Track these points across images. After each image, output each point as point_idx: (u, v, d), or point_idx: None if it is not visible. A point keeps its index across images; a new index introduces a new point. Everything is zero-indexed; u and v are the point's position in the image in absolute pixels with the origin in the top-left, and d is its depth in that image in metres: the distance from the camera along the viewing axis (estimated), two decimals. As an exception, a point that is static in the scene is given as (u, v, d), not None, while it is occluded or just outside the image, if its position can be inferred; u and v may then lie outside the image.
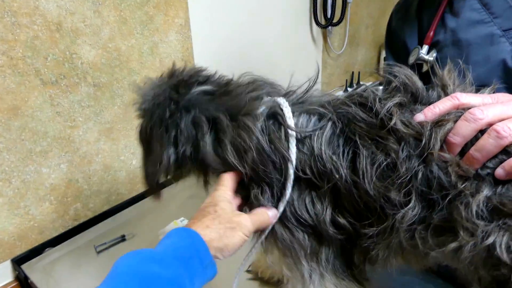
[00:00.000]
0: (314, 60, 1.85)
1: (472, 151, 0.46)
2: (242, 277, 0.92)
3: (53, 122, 0.99)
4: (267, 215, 0.55)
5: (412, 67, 0.76)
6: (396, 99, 0.51)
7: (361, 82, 2.08)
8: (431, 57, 0.74)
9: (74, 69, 0.99)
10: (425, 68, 0.75)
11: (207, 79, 0.62)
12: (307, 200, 0.55)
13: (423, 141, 0.47)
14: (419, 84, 0.53)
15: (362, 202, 0.52)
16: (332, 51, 1.89)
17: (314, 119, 0.56)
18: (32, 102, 0.94)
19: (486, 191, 0.46)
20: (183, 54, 1.23)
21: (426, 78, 0.56)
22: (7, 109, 0.90)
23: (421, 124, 0.48)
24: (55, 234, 1.06)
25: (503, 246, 0.45)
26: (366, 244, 0.54)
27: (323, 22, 1.72)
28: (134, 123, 1.14)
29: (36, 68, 0.92)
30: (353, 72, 2.08)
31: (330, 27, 1.74)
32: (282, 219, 0.57)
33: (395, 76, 0.54)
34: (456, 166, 0.46)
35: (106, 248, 1.02)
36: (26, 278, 0.96)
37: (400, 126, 0.49)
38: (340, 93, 1.94)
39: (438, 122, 0.48)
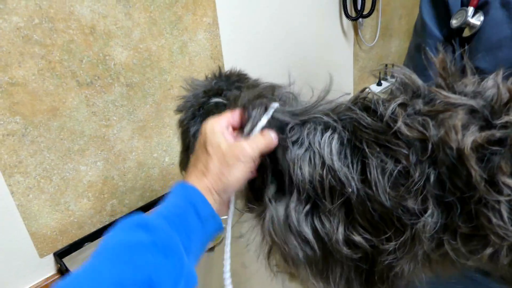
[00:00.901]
0: (345, 54, 1.82)
1: None
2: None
3: (89, 121, 1.03)
4: (270, 136, 0.50)
5: (453, 31, 0.69)
6: (399, 100, 0.48)
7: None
8: (478, 20, 0.67)
9: (107, 70, 1.03)
10: (466, 33, 0.69)
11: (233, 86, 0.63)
12: (314, 218, 0.50)
13: (430, 142, 0.45)
14: (419, 82, 0.50)
15: (377, 215, 0.48)
16: (363, 43, 1.85)
17: (319, 128, 0.51)
18: (69, 103, 0.98)
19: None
20: (212, 52, 1.24)
21: (467, 43, 0.51)
22: (46, 110, 0.95)
23: (423, 124, 0.45)
24: (93, 229, 1.11)
25: None
26: (388, 261, 0.50)
27: (353, 14, 1.68)
28: (165, 121, 1.17)
29: (72, 71, 0.97)
30: (386, 65, 2.03)
31: (360, 19, 1.70)
32: (287, 235, 0.52)
33: (394, 77, 0.52)
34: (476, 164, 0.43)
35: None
36: (67, 270, 1.01)
37: (404, 129, 0.46)
38: (372, 87, 1.90)
39: (441, 118, 0.45)
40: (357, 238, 0.48)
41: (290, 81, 0.59)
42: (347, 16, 1.66)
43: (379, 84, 1.98)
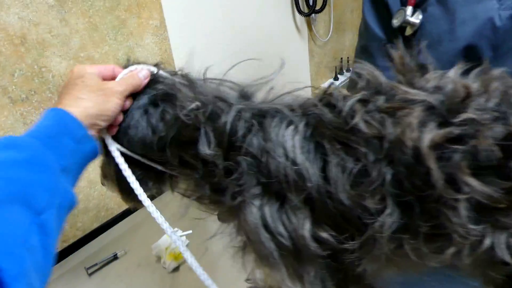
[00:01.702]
0: (301, 50, 1.79)
1: None
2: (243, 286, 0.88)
3: (29, 141, 0.93)
4: (138, 77, 0.53)
5: (395, 30, 0.71)
6: (358, 96, 0.47)
7: (351, 69, 2.02)
8: (417, 19, 0.69)
9: (45, 83, 0.93)
10: (408, 31, 0.70)
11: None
12: (282, 213, 0.49)
13: (386, 141, 0.43)
14: (382, 78, 0.49)
15: (338, 214, 0.46)
16: (318, 38, 1.83)
17: (284, 123, 0.49)
18: (2, 122, 0.88)
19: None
20: (161, 57, 1.17)
21: (409, 41, 0.51)
22: (-25, 133, 0.84)
23: (381, 121, 0.44)
24: (43, 258, 1.01)
25: (503, 247, 0.42)
26: (350, 259, 0.48)
27: (305, 10, 1.66)
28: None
29: (3, 86, 0.86)
30: (341, 59, 2.03)
31: (313, 14, 1.68)
32: (258, 232, 0.49)
33: (359, 75, 0.50)
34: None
35: (98, 269, 0.97)
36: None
37: (362, 126, 0.44)
38: (327, 83, 1.89)
39: (398, 115, 0.43)
40: (323, 234, 0.47)
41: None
42: (300, 12, 1.63)
43: (335, 78, 1.97)
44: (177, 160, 0.53)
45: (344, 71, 2.03)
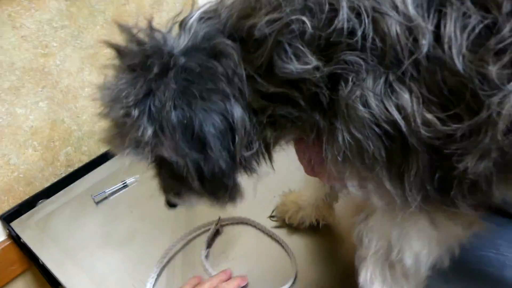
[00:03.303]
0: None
1: None
2: (266, 223, 0.78)
3: (20, 49, 0.78)
4: None
5: None
6: None
7: None
8: None
9: (33, -23, 0.76)
10: None
11: None
12: (388, 88, 0.39)
13: None
14: None
15: (448, 88, 0.37)
16: None
17: None
18: (-15, 24, 0.73)
19: None
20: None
21: None
22: (-47, 35, 0.70)
23: None
24: (46, 184, 0.91)
25: None
26: (452, 152, 0.38)
27: None
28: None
29: (-18, -22, 0.70)
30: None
31: None
32: (349, 124, 0.40)
33: None
34: None
35: (105, 198, 0.88)
36: (17, 236, 0.83)
37: None
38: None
39: None
40: (429, 116, 0.38)
41: None
42: None
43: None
44: None
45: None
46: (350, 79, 0.38)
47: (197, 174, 0.46)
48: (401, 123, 0.38)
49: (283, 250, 0.73)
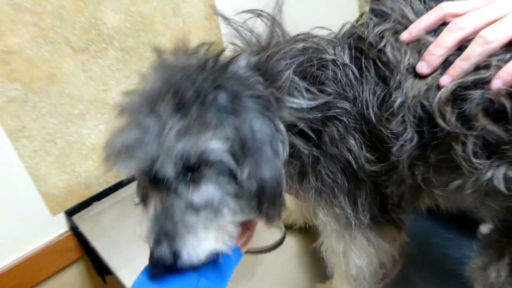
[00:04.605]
0: (350, 5, 1.76)
1: (458, 60, 0.45)
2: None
3: (87, 86, 1.07)
4: None
5: None
6: (389, 24, 0.52)
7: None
8: None
9: (100, 35, 1.05)
10: None
11: None
12: (341, 133, 0.53)
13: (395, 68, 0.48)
14: (411, 16, 0.52)
15: (373, 137, 0.51)
16: (371, -4, 1.78)
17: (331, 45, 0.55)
18: (65, 69, 1.02)
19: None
20: (206, 13, 1.24)
21: None
22: (44, 77, 0.99)
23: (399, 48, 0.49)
24: (100, 189, 1.17)
25: (500, 178, 0.46)
26: (380, 182, 0.54)
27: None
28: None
29: (66, 37, 1.00)
30: None
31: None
32: (319, 158, 0.54)
33: (391, 9, 0.54)
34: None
35: (143, 201, 1.12)
36: (76, 227, 1.09)
37: (388, 49, 0.49)
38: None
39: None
40: (368, 155, 0.52)
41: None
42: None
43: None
44: None
45: None
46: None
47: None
48: (352, 161, 0.53)
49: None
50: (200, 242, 0.51)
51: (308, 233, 0.95)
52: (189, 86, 0.48)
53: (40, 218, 1.09)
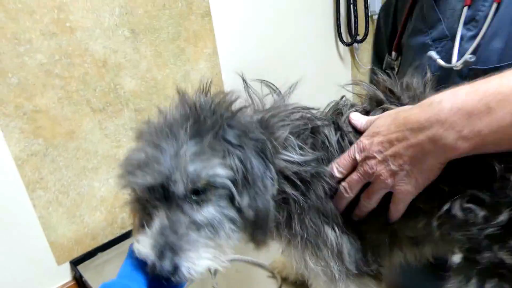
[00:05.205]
0: (343, 77, 1.93)
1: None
2: (261, 274, 1.02)
3: (102, 143, 1.17)
4: None
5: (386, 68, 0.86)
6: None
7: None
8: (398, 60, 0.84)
9: (118, 97, 1.17)
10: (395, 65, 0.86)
11: None
12: (325, 190, 0.61)
13: None
14: (381, 96, 0.65)
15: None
16: (361, 66, 1.96)
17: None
18: (84, 126, 1.12)
19: None
20: (212, 79, 1.37)
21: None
22: (64, 133, 1.09)
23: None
24: (105, 240, 1.23)
25: (457, 208, 0.56)
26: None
27: (348, 40, 1.80)
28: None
29: (87, 99, 1.11)
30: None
31: (355, 44, 1.82)
32: (304, 208, 0.60)
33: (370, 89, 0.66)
34: None
35: (146, 252, 1.17)
36: (81, 276, 1.13)
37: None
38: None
39: None
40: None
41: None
42: (342, 41, 1.78)
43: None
44: None
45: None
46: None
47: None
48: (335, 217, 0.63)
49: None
50: (200, 259, 0.54)
51: (303, 285, 1.00)
52: (208, 118, 0.56)
53: (46, 267, 1.14)
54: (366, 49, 1.95)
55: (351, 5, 1.73)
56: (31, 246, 1.10)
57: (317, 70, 1.77)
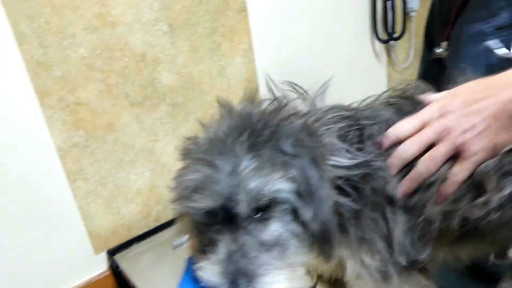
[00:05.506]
0: (379, 75, 1.89)
1: None
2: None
3: (139, 136, 1.19)
4: None
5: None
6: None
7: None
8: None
9: (155, 91, 1.19)
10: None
11: None
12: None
13: None
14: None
15: None
16: (397, 64, 1.91)
17: None
18: (122, 120, 1.15)
19: None
20: (247, 75, 1.38)
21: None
22: (103, 126, 1.12)
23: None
24: (140, 232, 1.25)
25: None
26: None
27: (385, 37, 1.76)
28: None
29: (126, 92, 1.13)
30: (422, 85, 2.06)
31: (391, 41, 1.78)
32: (358, 210, 0.58)
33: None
34: None
35: (181, 245, 1.18)
36: (117, 266, 1.15)
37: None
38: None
39: None
40: None
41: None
42: (378, 39, 1.74)
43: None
44: None
45: (424, 96, 2.06)
46: None
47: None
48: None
49: None
50: (276, 282, 0.51)
51: (337, 283, 0.98)
52: (264, 129, 0.53)
53: (84, 255, 1.17)
54: (402, 47, 1.91)
55: (388, 1, 1.69)
56: (71, 234, 1.13)
57: (351, 68, 1.74)
